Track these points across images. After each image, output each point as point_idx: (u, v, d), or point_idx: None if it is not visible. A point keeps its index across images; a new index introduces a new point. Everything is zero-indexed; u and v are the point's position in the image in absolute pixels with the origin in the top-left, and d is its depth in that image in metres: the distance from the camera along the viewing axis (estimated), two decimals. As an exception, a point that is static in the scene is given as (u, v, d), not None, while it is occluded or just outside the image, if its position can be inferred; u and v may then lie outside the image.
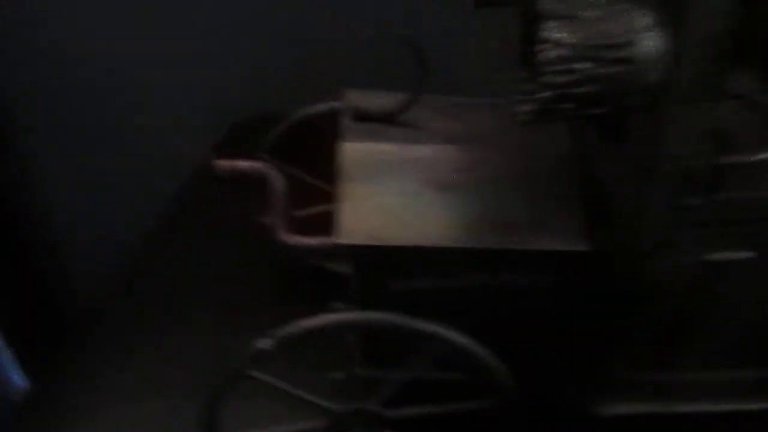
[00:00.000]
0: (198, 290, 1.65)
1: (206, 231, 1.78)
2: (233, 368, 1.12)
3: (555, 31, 0.86)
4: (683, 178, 1.02)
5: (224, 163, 1.46)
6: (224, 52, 1.98)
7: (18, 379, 2.00)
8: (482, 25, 1.37)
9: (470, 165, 1.22)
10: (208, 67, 2.01)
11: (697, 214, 1.06)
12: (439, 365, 1.21)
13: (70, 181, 2.20)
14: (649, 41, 0.89)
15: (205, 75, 2.02)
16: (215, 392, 1.14)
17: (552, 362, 1.31)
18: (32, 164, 2.13)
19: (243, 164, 1.46)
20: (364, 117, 1.30)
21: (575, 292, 1.21)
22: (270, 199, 1.38)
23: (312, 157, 1.47)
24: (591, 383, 1.31)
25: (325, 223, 1.55)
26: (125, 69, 2.04)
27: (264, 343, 1.11)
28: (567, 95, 0.90)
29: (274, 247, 1.34)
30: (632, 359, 1.27)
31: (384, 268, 1.17)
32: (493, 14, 1.29)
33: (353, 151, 1.22)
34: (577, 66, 0.87)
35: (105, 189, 2.21)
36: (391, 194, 1.18)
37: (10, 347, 2.02)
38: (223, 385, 1.14)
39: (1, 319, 1.99)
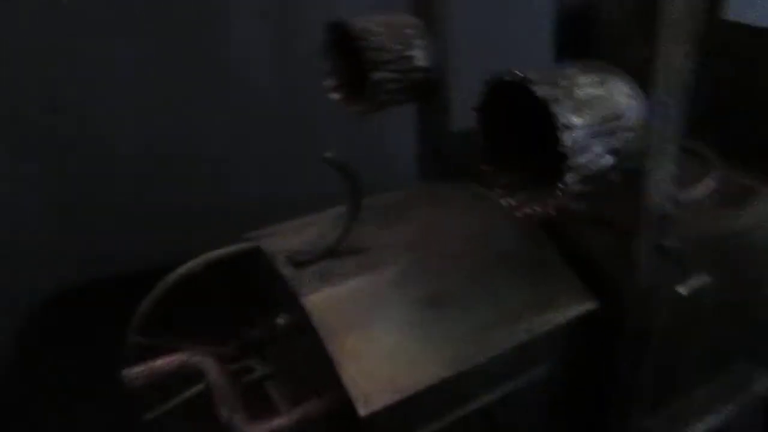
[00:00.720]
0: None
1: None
2: None
3: (567, 116, 0.82)
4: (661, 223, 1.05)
5: (137, 371, 1.15)
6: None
7: None
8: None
9: (445, 267, 1.11)
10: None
11: (671, 253, 1.10)
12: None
13: None
14: (636, 109, 0.90)
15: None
16: None
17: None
18: None
19: (162, 363, 1.17)
20: (302, 263, 1.12)
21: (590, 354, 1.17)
22: (215, 392, 1.12)
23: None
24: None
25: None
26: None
27: None
28: (593, 173, 0.86)
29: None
30: (639, 403, 1.26)
31: (415, 416, 1.00)
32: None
33: (319, 306, 1.03)
34: (595, 142, 0.85)
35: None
36: (387, 334, 1.01)
37: None
38: None
39: None
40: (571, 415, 1.24)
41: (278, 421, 1.09)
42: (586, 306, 1.11)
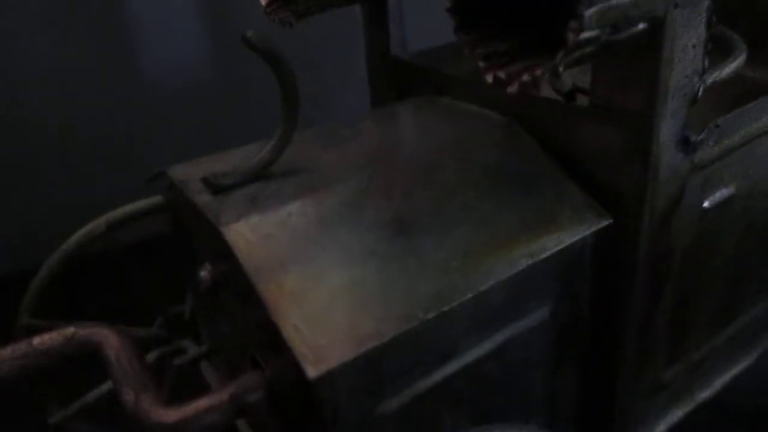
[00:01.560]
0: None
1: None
2: None
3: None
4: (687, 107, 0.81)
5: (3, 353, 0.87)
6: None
7: None
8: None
9: (414, 183, 0.84)
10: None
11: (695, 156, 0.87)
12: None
13: None
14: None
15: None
16: None
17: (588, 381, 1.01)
18: None
19: (41, 339, 0.88)
20: (224, 187, 0.84)
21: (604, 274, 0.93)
22: (115, 369, 0.84)
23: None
24: (624, 403, 1.03)
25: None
26: None
27: None
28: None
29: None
30: (655, 355, 1.03)
31: (379, 370, 0.73)
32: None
33: (245, 236, 0.75)
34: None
35: None
36: (341, 269, 0.74)
37: None
38: None
39: None
40: (576, 367, 1.00)
41: (203, 402, 0.81)
42: (597, 223, 0.87)
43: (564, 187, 0.89)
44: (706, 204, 0.95)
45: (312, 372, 0.66)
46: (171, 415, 0.79)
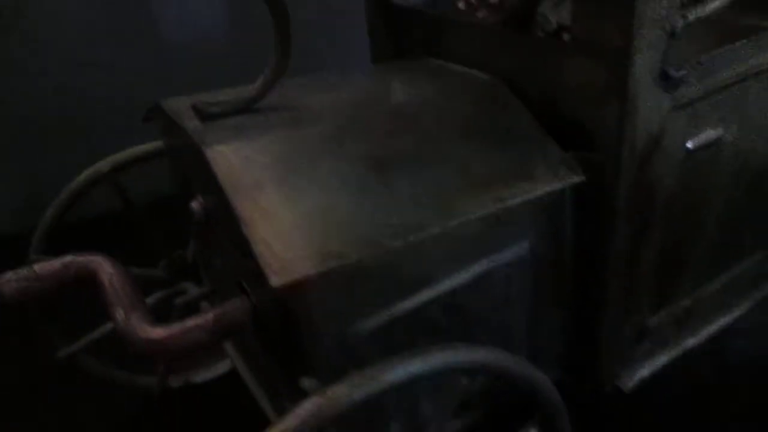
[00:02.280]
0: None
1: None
2: None
3: None
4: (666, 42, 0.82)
5: (10, 275, 0.92)
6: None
7: None
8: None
9: (396, 126, 0.87)
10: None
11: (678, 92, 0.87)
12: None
13: None
14: None
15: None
16: None
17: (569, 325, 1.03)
18: None
19: (42, 266, 0.93)
20: (212, 115, 0.87)
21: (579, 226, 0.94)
22: (108, 292, 0.88)
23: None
24: (608, 347, 1.05)
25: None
26: None
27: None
28: None
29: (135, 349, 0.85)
30: (640, 300, 1.04)
31: (351, 292, 0.77)
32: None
33: (226, 156, 0.78)
34: None
35: None
36: (317, 193, 0.77)
37: None
38: None
39: None
40: (560, 308, 1.01)
41: (189, 322, 0.85)
42: (570, 179, 0.88)
43: (542, 143, 0.91)
44: (689, 144, 0.95)
45: (275, 281, 0.69)
46: (158, 332, 0.84)
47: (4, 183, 2.08)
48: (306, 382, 0.69)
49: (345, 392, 0.66)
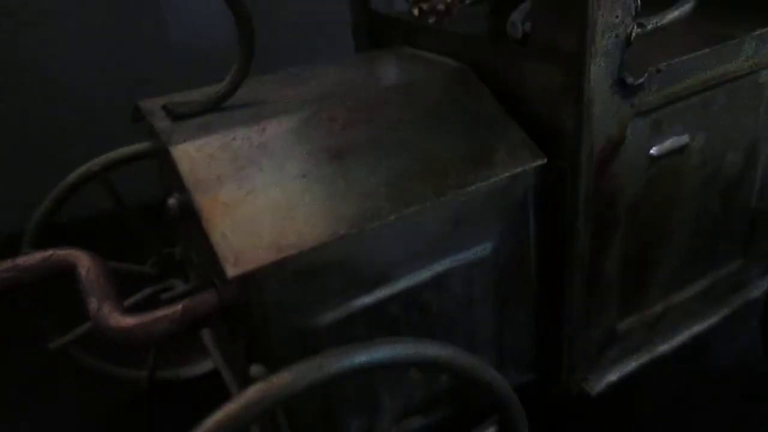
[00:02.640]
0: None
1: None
2: None
3: None
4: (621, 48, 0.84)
5: (4, 268, 0.96)
6: None
7: None
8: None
9: (358, 117, 0.90)
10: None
11: (638, 98, 0.89)
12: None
13: None
14: None
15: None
16: None
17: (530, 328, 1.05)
18: None
19: (24, 259, 0.97)
20: (182, 114, 0.91)
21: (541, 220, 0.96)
22: (84, 283, 0.92)
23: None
24: (574, 350, 1.06)
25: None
26: None
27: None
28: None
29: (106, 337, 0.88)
30: (605, 305, 1.05)
31: (308, 285, 0.79)
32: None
33: (190, 153, 0.82)
34: None
35: None
36: (275, 187, 0.81)
37: None
38: None
39: None
40: (525, 311, 1.03)
41: (158, 312, 0.89)
42: (532, 162, 0.90)
43: (505, 128, 0.93)
44: (653, 151, 0.96)
45: (231, 271, 0.72)
46: (128, 321, 0.87)
47: (5, 183, 2.15)
48: (254, 369, 0.72)
49: (289, 380, 0.69)
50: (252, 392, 0.68)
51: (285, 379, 0.69)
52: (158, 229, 1.39)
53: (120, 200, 1.31)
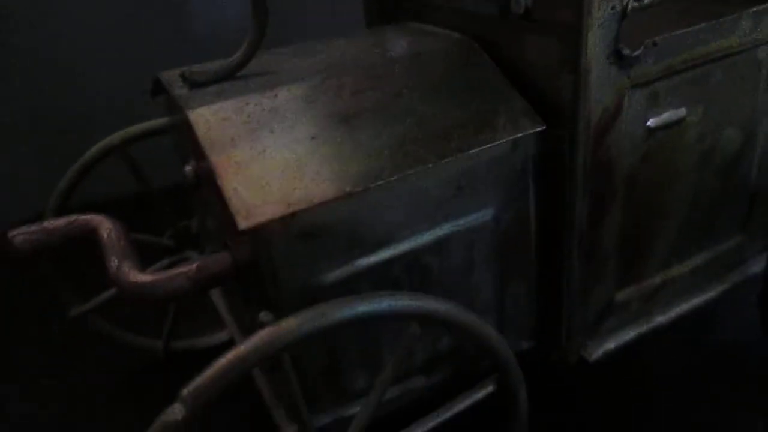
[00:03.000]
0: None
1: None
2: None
3: None
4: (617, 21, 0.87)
5: (23, 231, 1.01)
6: None
7: None
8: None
9: (365, 85, 0.94)
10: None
11: (635, 70, 0.93)
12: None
13: None
14: None
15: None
16: None
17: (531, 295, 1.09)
18: None
19: (49, 223, 1.03)
20: (199, 83, 0.96)
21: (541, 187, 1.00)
22: (105, 244, 0.97)
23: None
24: (572, 317, 1.10)
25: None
26: None
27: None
28: None
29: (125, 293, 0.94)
30: (603, 274, 1.09)
31: (315, 243, 0.84)
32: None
33: (206, 117, 0.87)
34: None
35: None
36: (285, 148, 0.85)
37: None
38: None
39: None
40: (525, 277, 1.07)
41: (174, 270, 0.94)
42: (531, 128, 0.94)
43: (506, 97, 0.97)
44: (650, 123, 1.00)
45: (243, 224, 0.77)
46: (145, 277, 0.92)
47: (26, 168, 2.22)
48: (263, 316, 0.77)
49: (295, 324, 0.74)
50: (261, 335, 0.73)
51: (291, 323, 0.74)
52: (175, 205, 1.45)
53: (139, 173, 1.37)
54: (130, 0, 2.16)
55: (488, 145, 0.90)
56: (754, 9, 1.02)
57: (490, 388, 0.98)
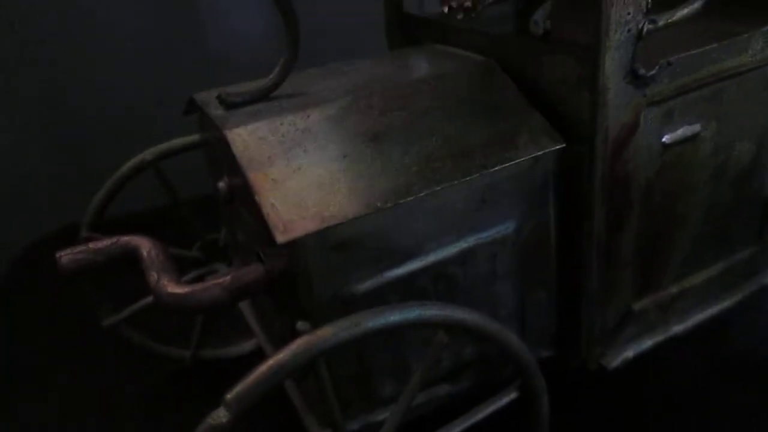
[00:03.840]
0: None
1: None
2: None
3: None
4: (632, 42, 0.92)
5: (70, 253, 1.07)
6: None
7: None
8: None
9: (392, 105, 0.99)
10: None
11: (650, 89, 0.97)
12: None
13: None
14: None
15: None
16: None
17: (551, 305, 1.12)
18: None
19: (94, 245, 1.08)
20: (234, 103, 1.01)
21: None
22: (145, 261, 1.02)
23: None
24: (591, 327, 1.13)
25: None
26: None
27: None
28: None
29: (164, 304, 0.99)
30: (621, 284, 1.12)
31: (347, 254, 0.89)
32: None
33: (243, 136, 0.92)
34: None
35: None
36: (319, 166, 0.90)
37: None
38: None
39: None
40: (546, 287, 1.11)
41: (210, 281, 0.99)
42: (551, 146, 0.98)
43: (527, 116, 1.01)
44: (665, 138, 1.04)
45: (280, 238, 0.81)
46: (182, 289, 0.97)
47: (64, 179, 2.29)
48: (300, 324, 0.81)
49: (330, 333, 0.78)
50: (299, 343, 0.77)
51: (327, 332, 0.78)
52: (204, 218, 1.50)
53: (170, 187, 1.42)
54: (149, 17, 2.23)
55: (510, 163, 0.94)
56: (765, 28, 1.06)
57: (513, 395, 1.02)
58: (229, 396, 0.76)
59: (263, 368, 0.76)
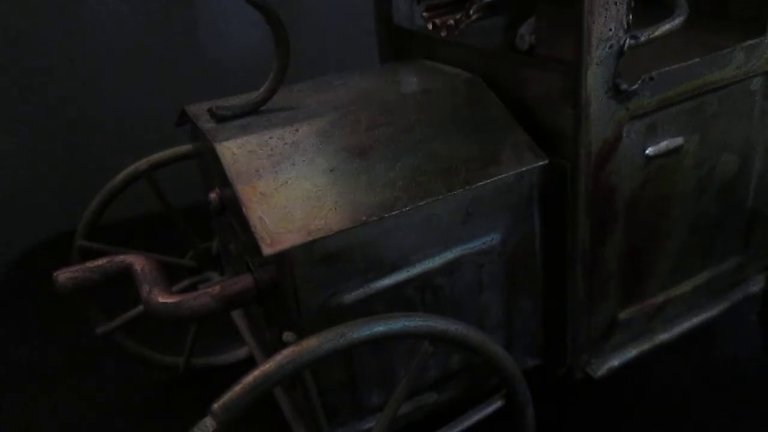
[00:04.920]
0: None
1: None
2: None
3: None
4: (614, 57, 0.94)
5: (66, 272, 1.08)
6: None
7: None
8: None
9: (379, 121, 1.01)
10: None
11: (633, 103, 0.99)
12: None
13: None
14: None
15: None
16: None
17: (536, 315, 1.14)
18: None
19: (90, 264, 1.09)
20: (225, 117, 1.03)
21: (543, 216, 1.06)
22: (138, 276, 1.04)
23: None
24: (577, 336, 1.15)
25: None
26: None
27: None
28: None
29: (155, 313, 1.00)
30: (606, 294, 1.14)
31: (334, 266, 0.90)
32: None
33: (232, 150, 0.94)
34: None
35: None
36: (306, 179, 0.92)
37: None
38: None
39: None
40: (532, 297, 1.13)
41: (199, 291, 1.00)
42: (534, 162, 1.00)
43: (511, 132, 1.03)
44: (649, 151, 1.06)
45: (267, 250, 0.83)
46: (172, 298, 0.99)
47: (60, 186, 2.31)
48: (286, 335, 0.83)
49: (317, 344, 0.80)
50: (285, 353, 0.79)
51: (312, 343, 0.80)
52: (196, 227, 1.52)
53: (163, 197, 1.44)
54: (148, 26, 2.25)
55: (493, 179, 0.96)
56: (747, 43, 1.08)
57: (498, 404, 1.04)
58: (216, 405, 0.78)
59: (249, 378, 0.78)
